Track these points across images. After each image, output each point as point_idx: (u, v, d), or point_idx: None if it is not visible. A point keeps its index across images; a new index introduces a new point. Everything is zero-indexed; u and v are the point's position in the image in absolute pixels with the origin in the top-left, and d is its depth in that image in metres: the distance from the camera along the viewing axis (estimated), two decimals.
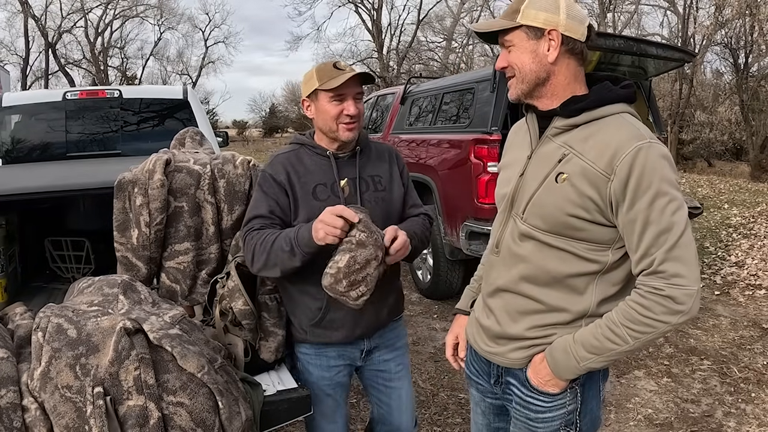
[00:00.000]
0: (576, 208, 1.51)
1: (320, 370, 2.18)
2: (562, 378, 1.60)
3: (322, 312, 2.08)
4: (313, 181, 2.07)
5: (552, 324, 1.62)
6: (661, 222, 1.43)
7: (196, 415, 1.73)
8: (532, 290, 1.63)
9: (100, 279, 2.13)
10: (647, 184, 1.43)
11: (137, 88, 5.65)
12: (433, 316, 5.57)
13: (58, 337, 1.79)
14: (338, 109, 2.02)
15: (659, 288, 1.44)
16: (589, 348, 1.53)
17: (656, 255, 1.44)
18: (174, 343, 1.78)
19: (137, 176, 2.37)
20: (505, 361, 1.72)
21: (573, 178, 1.52)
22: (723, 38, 18.41)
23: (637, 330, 1.47)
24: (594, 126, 1.55)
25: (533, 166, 1.64)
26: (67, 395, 1.71)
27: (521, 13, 1.56)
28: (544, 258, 1.60)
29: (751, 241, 7.77)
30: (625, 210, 1.46)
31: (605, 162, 1.47)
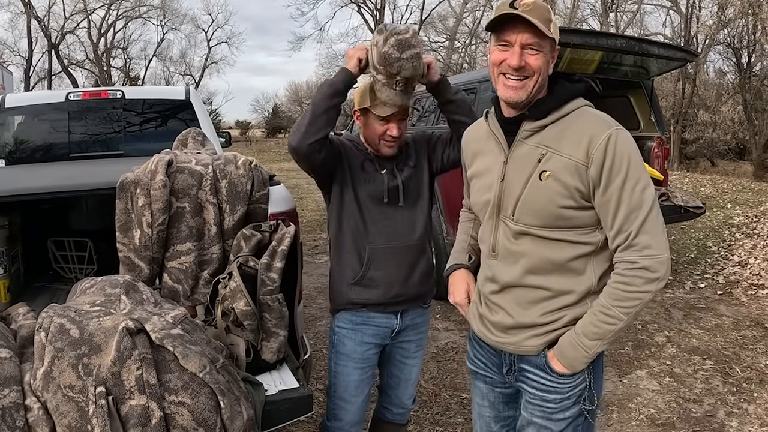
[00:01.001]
0: (565, 199, 1.64)
1: (354, 344, 2.37)
2: (577, 370, 1.72)
3: (363, 269, 2.29)
4: (361, 158, 2.35)
5: (562, 307, 1.73)
6: (632, 201, 1.60)
7: (198, 415, 1.74)
8: (537, 280, 1.73)
9: (103, 279, 2.14)
10: (618, 167, 1.59)
11: (140, 88, 5.67)
12: (436, 315, 5.57)
13: (60, 337, 1.80)
14: (383, 129, 2.26)
15: (634, 261, 1.61)
16: (592, 336, 1.66)
17: (630, 230, 1.61)
18: (176, 343, 1.79)
19: (139, 177, 2.37)
20: (521, 349, 1.80)
21: (556, 173, 1.64)
22: (726, 38, 18.39)
23: (626, 306, 1.62)
24: (562, 123, 1.69)
25: (512, 169, 1.74)
26: (70, 395, 1.72)
27: (553, 25, 1.64)
28: (543, 249, 1.71)
29: (754, 240, 7.75)
30: (601, 192, 1.62)
31: (582, 152, 1.62)
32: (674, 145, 18.23)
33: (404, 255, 2.33)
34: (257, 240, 2.34)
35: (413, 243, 2.34)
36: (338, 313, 2.41)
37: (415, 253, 2.35)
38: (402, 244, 2.32)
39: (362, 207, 2.30)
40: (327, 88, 2.15)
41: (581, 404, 1.77)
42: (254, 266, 2.23)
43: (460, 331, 5.17)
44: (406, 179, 2.35)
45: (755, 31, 16.95)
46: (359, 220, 2.30)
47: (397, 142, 2.30)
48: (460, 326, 5.27)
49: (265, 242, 2.35)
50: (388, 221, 2.30)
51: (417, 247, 2.36)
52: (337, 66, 1.86)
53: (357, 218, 2.30)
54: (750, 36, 17.72)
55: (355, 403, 2.42)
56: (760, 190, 12.17)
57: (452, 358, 4.58)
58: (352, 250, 2.32)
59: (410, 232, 2.33)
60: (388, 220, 2.31)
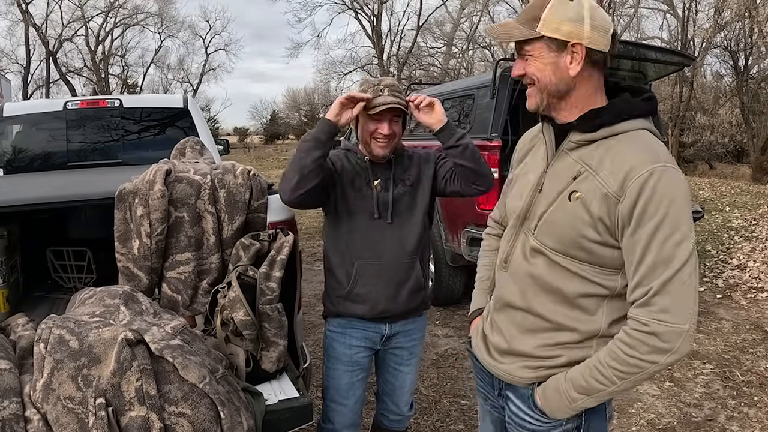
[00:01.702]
0: (587, 228, 1.46)
1: (343, 347, 2.44)
2: (558, 418, 1.57)
3: (350, 285, 2.35)
4: (351, 173, 2.37)
5: (561, 343, 1.56)
6: (662, 253, 1.37)
7: (198, 426, 1.73)
8: (540, 308, 1.58)
9: (102, 290, 2.14)
10: (654, 209, 1.36)
11: (137, 97, 5.66)
12: (435, 322, 5.57)
13: (60, 348, 1.80)
14: (375, 127, 2.28)
15: (645, 324, 1.39)
16: (579, 389, 1.50)
17: (650, 285, 1.39)
18: (175, 354, 1.79)
19: (138, 187, 2.37)
20: (511, 378, 1.66)
21: (586, 197, 1.46)
22: (722, 41, 18.44)
23: (623, 370, 1.43)
24: (611, 142, 1.48)
25: (549, 181, 1.58)
26: (70, 406, 1.71)
27: (542, 21, 1.47)
28: (554, 276, 1.54)
29: (752, 243, 7.76)
30: (629, 234, 1.41)
31: (618, 183, 1.41)
32: (672, 149, 18.24)
33: (392, 272, 2.34)
34: (256, 249, 2.34)
35: (402, 261, 2.36)
36: (329, 318, 2.50)
37: (403, 270, 2.37)
38: (390, 261, 2.33)
39: (352, 222, 2.33)
40: (310, 141, 2.16)
41: None
42: (253, 276, 2.23)
43: (459, 337, 5.16)
44: (398, 196, 2.36)
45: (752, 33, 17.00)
46: (349, 236, 2.34)
47: (389, 142, 2.30)
48: (460, 332, 5.27)
49: (264, 251, 2.35)
50: (377, 237, 2.33)
51: (406, 265, 2.37)
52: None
53: (347, 233, 2.34)
54: (747, 39, 17.77)
55: (347, 405, 2.47)
56: (759, 193, 12.18)
57: (452, 365, 4.57)
58: (341, 264, 2.37)
59: (400, 250, 2.34)
60: (378, 236, 2.33)
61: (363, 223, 2.33)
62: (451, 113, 6.14)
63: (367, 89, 2.26)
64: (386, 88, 2.25)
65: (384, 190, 2.35)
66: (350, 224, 2.34)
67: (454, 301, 5.94)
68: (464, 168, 2.29)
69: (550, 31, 1.46)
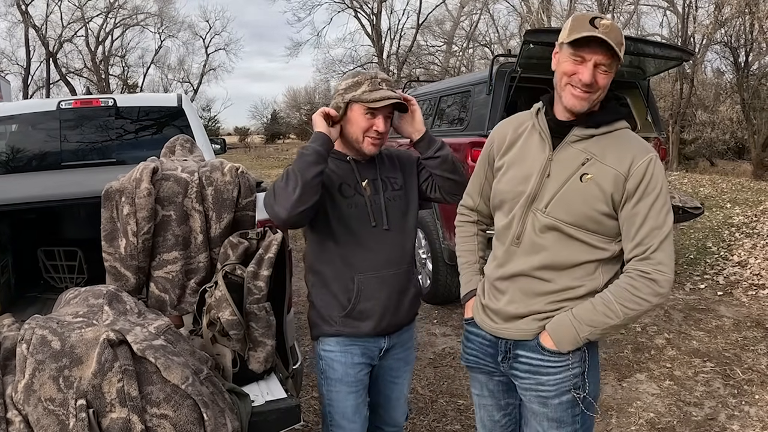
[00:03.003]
0: (599, 203, 1.79)
1: (345, 367, 2.26)
2: (563, 350, 1.85)
3: (352, 302, 2.19)
4: (338, 180, 2.20)
5: (568, 299, 1.86)
6: (658, 219, 1.77)
7: (181, 428, 1.70)
8: (549, 275, 1.86)
9: (86, 290, 2.11)
10: (652, 187, 1.78)
11: (131, 96, 5.63)
12: (433, 321, 5.54)
13: (41, 349, 1.77)
14: (369, 123, 2.13)
15: (647, 272, 1.76)
16: (589, 322, 1.80)
17: (650, 244, 1.77)
18: (158, 355, 1.76)
19: (124, 185, 2.34)
20: (518, 334, 1.92)
21: (597, 178, 1.80)
22: (723, 37, 18.37)
23: (628, 307, 1.77)
24: (608, 138, 1.85)
25: (556, 167, 1.86)
26: (50, 408, 1.69)
27: (623, 48, 1.76)
28: (564, 247, 1.84)
29: (754, 240, 7.71)
30: (632, 205, 1.78)
31: (624, 166, 1.79)
32: (673, 146, 18.18)
33: (394, 283, 2.24)
34: (244, 248, 2.30)
35: (402, 270, 2.26)
36: (323, 338, 2.28)
37: (404, 279, 2.28)
38: (392, 272, 2.22)
39: (347, 233, 2.18)
40: (311, 155, 2.02)
41: (573, 391, 1.87)
42: (241, 275, 2.19)
43: (457, 336, 5.13)
44: (389, 200, 2.25)
45: (752, 29, 16.95)
46: (345, 248, 2.18)
47: (381, 139, 2.18)
48: (458, 331, 5.24)
49: (252, 250, 2.31)
50: (377, 247, 2.20)
51: (406, 273, 2.29)
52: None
53: (342, 245, 2.18)
54: (747, 35, 17.71)
55: (355, 429, 2.31)
56: (760, 189, 12.13)
57: (449, 364, 4.54)
58: (337, 279, 2.21)
59: (400, 258, 2.25)
60: (377, 245, 2.20)
61: (359, 232, 2.18)
62: (448, 110, 6.11)
63: (362, 81, 2.12)
64: (383, 81, 2.13)
65: (374, 193, 2.23)
66: (345, 235, 2.18)
67: (451, 300, 5.90)
68: (443, 179, 2.25)
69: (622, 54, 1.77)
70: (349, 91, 2.13)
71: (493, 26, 31.47)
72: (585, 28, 1.72)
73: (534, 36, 4.66)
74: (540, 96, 2.02)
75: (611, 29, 1.72)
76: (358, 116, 2.14)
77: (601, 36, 1.69)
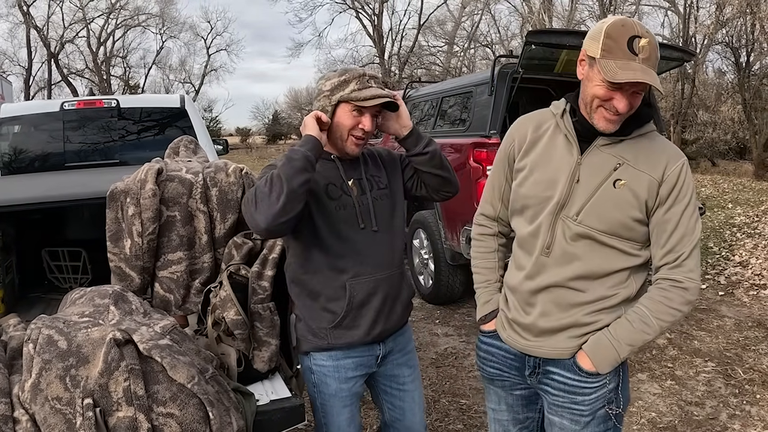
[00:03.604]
0: (634, 210, 1.72)
1: (338, 383, 2.13)
2: (603, 372, 1.77)
3: (345, 310, 2.05)
4: (323, 181, 2.07)
5: (600, 309, 1.78)
6: (689, 226, 1.72)
7: (186, 426, 1.72)
8: (583, 285, 1.78)
9: (92, 290, 2.13)
10: (684, 192, 1.72)
11: (134, 97, 5.66)
12: (435, 321, 5.55)
13: (48, 348, 1.79)
14: (355, 122, 2.02)
15: (679, 281, 1.72)
16: (628, 341, 1.74)
17: (682, 251, 1.72)
18: (164, 354, 1.77)
19: (129, 186, 2.36)
20: (553, 353, 1.82)
21: (631, 184, 1.72)
22: (724, 37, 18.34)
23: (663, 319, 1.72)
24: (640, 141, 1.77)
25: (586, 172, 1.76)
26: (57, 407, 1.70)
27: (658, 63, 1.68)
28: (598, 256, 1.76)
29: (755, 240, 7.72)
30: (664, 211, 1.72)
31: (658, 171, 1.72)
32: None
33: (388, 287, 2.12)
34: (249, 248, 2.32)
35: (394, 272, 2.15)
36: (312, 353, 2.14)
37: (396, 282, 2.16)
38: (384, 274, 2.11)
39: (336, 237, 2.05)
40: (300, 161, 1.85)
41: (607, 407, 1.81)
42: (245, 275, 2.21)
43: (459, 336, 5.14)
44: (376, 200, 2.14)
45: (754, 30, 16.93)
46: (336, 254, 2.05)
47: (365, 140, 2.07)
48: (460, 331, 5.25)
49: (256, 250, 2.33)
50: (367, 249, 2.08)
51: (398, 276, 2.17)
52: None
53: (334, 252, 2.05)
54: (749, 35, 17.68)
55: None
56: (761, 189, 12.13)
57: (451, 364, 4.55)
58: (326, 287, 2.07)
59: (390, 260, 2.13)
60: (367, 248, 2.08)
61: (348, 235, 2.06)
62: (450, 111, 6.12)
63: (350, 79, 1.99)
64: (372, 79, 2.02)
65: (361, 193, 2.11)
66: (333, 240, 2.04)
67: (453, 300, 5.91)
68: (431, 176, 2.16)
69: None
70: (336, 90, 2.00)
71: (495, 26, 31.49)
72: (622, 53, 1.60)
73: (536, 37, 4.67)
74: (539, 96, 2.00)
75: (650, 51, 1.61)
76: (345, 114, 2.02)
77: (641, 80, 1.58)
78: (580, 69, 1.74)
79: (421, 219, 6.02)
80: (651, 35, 1.63)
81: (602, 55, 1.62)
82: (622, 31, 1.61)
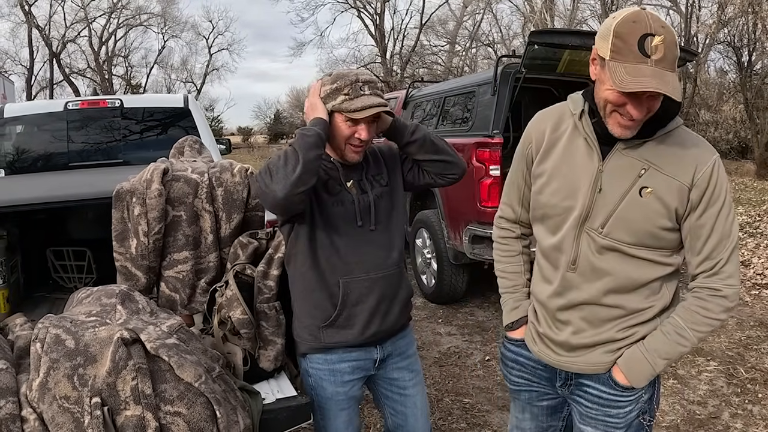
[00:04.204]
0: (662, 219, 1.60)
1: (335, 386, 2.11)
2: (640, 386, 1.71)
3: (338, 309, 2.03)
4: (324, 177, 2.06)
5: (636, 324, 1.70)
6: (725, 229, 1.60)
7: (194, 425, 1.72)
8: (616, 300, 1.68)
9: (99, 289, 2.14)
10: (718, 194, 1.58)
11: (138, 97, 5.66)
12: (438, 320, 5.56)
13: (56, 347, 1.80)
14: (351, 131, 1.99)
15: (717, 289, 1.61)
16: (663, 354, 1.66)
17: (720, 257, 1.60)
18: (171, 353, 1.78)
19: (135, 186, 2.37)
20: (589, 368, 1.75)
21: (658, 191, 1.59)
22: (726, 36, 18.33)
23: (701, 330, 1.64)
24: (665, 140, 1.61)
25: (608, 180, 1.63)
26: (65, 406, 1.71)
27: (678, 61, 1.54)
28: (628, 268, 1.65)
29: (757, 239, 7.72)
30: (696, 216, 1.59)
31: (688, 175, 1.58)
32: None
33: (382, 287, 2.08)
34: (254, 248, 2.33)
35: (391, 272, 2.10)
36: (309, 355, 2.13)
37: (393, 282, 2.11)
38: (380, 274, 2.06)
39: (332, 233, 2.03)
40: (313, 137, 1.87)
41: (641, 416, 1.76)
42: (251, 274, 2.22)
43: (462, 335, 5.15)
44: (377, 198, 2.10)
45: (755, 29, 16.91)
46: (331, 251, 2.03)
47: (364, 147, 2.05)
48: (463, 331, 5.26)
49: (262, 250, 2.34)
50: (364, 248, 2.05)
51: (395, 276, 2.12)
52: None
53: (329, 249, 2.03)
54: (750, 34, 17.67)
55: None
56: (763, 189, 12.13)
57: (454, 363, 4.56)
58: (323, 286, 2.05)
59: (387, 259, 2.09)
60: (363, 246, 2.05)
61: (344, 232, 2.03)
62: (453, 111, 6.13)
63: (342, 87, 1.94)
64: (365, 85, 1.95)
65: (361, 192, 2.08)
66: (329, 235, 2.03)
67: (456, 299, 5.93)
68: (429, 162, 2.10)
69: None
70: (328, 99, 1.97)
71: (496, 26, 31.46)
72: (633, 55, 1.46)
73: (538, 37, 4.68)
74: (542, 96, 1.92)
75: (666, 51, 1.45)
76: (340, 124, 1.99)
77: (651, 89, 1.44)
78: (592, 68, 1.61)
79: (423, 218, 6.03)
80: (668, 30, 1.46)
81: (611, 57, 1.48)
82: (633, 29, 1.45)
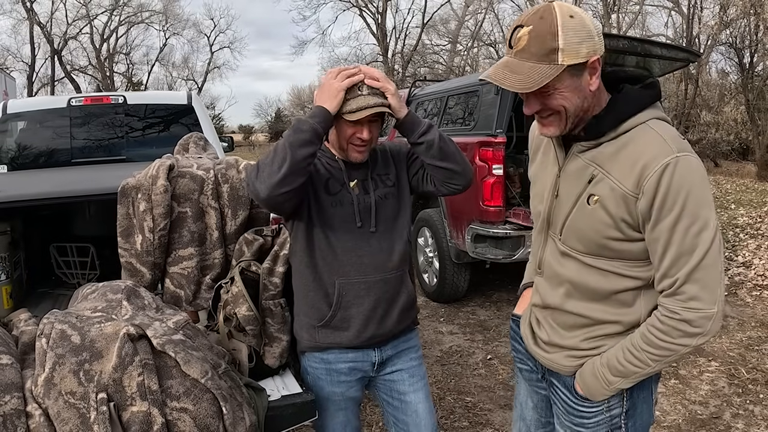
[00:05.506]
0: (610, 229, 1.48)
1: (331, 386, 2.10)
2: (596, 399, 1.62)
3: (332, 310, 2.02)
4: (326, 175, 2.04)
5: (603, 335, 1.60)
6: (684, 244, 1.40)
7: (200, 421, 1.73)
8: (578, 307, 1.62)
9: (104, 285, 2.14)
10: (671, 204, 1.39)
11: (142, 93, 5.67)
12: (440, 319, 5.56)
13: (61, 343, 1.80)
14: (352, 132, 1.96)
15: (675, 312, 1.44)
16: (615, 372, 1.55)
17: (677, 276, 1.43)
18: (177, 349, 1.78)
19: (140, 182, 2.37)
20: (556, 367, 1.71)
21: (604, 200, 1.47)
22: (728, 38, 18.32)
23: (656, 354, 1.48)
24: (621, 139, 1.48)
25: (564, 185, 1.59)
26: (71, 401, 1.71)
27: (561, 52, 1.38)
28: (589, 277, 1.57)
29: (758, 241, 7.72)
30: (650, 228, 1.44)
31: (633, 182, 1.43)
32: None
33: (380, 290, 2.03)
34: (259, 244, 2.33)
35: (391, 275, 2.05)
36: (307, 353, 2.13)
37: (393, 286, 2.06)
38: (378, 277, 2.02)
39: (330, 233, 2.00)
40: (308, 133, 1.81)
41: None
42: (256, 271, 2.22)
43: (464, 334, 5.15)
44: (380, 199, 2.06)
45: (757, 30, 16.90)
46: (328, 251, 2.00)
47: (367, 146, 2.01)
48: (464, 330, 5.26)
49: (267, 246, 2.34)
50: (362, 250, 2.01)
51: (395, 280, 2.07)
52: None
53: (325, 248, 2.01)
54: (752, 36, 17.66)
55: None
56: (764, 190, 12.13)
57: (456, 362, 4.56)
58: (318, 286, 2.03)
59: (387, 262, 2.04)
60: (362, 248, 2.01)
61: (343, 233, 2.00)
62: (456, 110, 6.13)
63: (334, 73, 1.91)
64: (364, 84, 1.91)
65: (363, 193, 2.05)
66: (327, 236, 2.00)
67: (458, 298, 5.93)
68: (433, 167, 2.02)
69: (573, 58, 1.39)
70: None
71: (498, 25, 31.41)
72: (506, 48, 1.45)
73: None
74: None
75: (531, 41, 1.39)
76: (342, 125, 1.96)
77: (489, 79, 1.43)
78: None
79: (426, 217, 6.03)
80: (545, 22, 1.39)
81: None
82: (515, 22, 1.44)
